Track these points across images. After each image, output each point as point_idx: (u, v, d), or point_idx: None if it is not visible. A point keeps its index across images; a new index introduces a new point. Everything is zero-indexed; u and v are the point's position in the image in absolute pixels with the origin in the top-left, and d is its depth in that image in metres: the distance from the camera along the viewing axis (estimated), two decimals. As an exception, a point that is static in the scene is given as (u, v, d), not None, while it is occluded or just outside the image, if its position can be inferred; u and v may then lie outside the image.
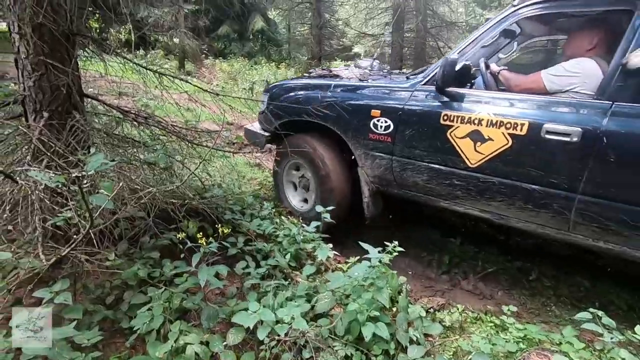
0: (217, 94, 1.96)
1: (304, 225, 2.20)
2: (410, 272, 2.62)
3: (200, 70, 10.99)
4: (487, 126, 1.92)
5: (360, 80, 2.58)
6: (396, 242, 1.84)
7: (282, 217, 2.60)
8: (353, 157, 2.49)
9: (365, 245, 1.69)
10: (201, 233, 1.60)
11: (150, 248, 1.89)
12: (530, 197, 1.86)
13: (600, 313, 1.56)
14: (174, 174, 1.93)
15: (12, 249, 1.44)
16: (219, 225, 1.65)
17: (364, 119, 2.33)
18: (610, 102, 1.69)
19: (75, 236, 1.30)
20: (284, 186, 2.96)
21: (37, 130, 1.57)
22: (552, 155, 1.77)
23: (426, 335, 1.74)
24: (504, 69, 2.22)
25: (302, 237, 2.21)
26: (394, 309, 1.84)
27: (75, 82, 1.82)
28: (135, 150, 2.07)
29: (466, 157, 2.00)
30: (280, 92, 2.81)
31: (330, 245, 2.29)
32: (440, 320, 1.88)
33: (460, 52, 2.16)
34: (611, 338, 1.45)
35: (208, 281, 1.51)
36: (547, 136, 1.77)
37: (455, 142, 2.03)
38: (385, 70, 3.12)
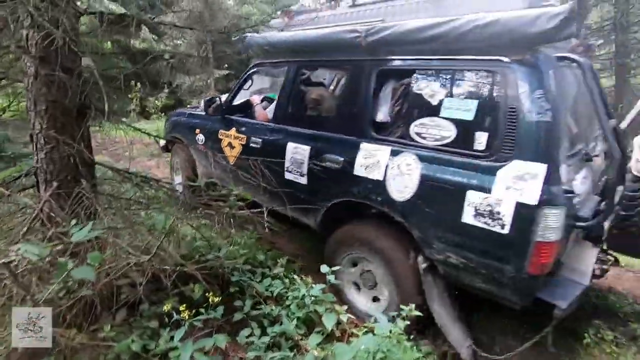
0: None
1: (313, 285, 2.04)
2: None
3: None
4: (233, 139, 3.07)
5: (199, 110, 3.76)
6: (412, 306, 1.63)
7: (295, 276, 2.45)
8: None
9: (376, 313, 1.50)
10: (182, 306, 1.49)
11: (150, 316, 1.80)
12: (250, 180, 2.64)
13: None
14: (174, 236, 1.88)
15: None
16: (209, 293, 1.54)
17: (194, 134, 3.49)
18: (273, 124, 2.79)
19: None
20: (174, 175, 4.27)
21: (41, 202, 1.61)
22: (252, 155, 2.68)
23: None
24: (257, 105, 3.25)
25: (311, 299, 2.03)
26: (416, 386, 1.58)
27: (85, 151, 1.91)
28: (145, 212, 2.08)
29: (229, 158, 3.09)
30: (170, 117, 4.20)
31: (345, 307, 2.09)
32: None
33: (229, 94, 3.30)
34: None
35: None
36: (252, 145, 2.87)
37: (223, 149, 3.15)
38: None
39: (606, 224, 1.97)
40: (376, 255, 2.18)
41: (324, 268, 1.87)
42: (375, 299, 2.32)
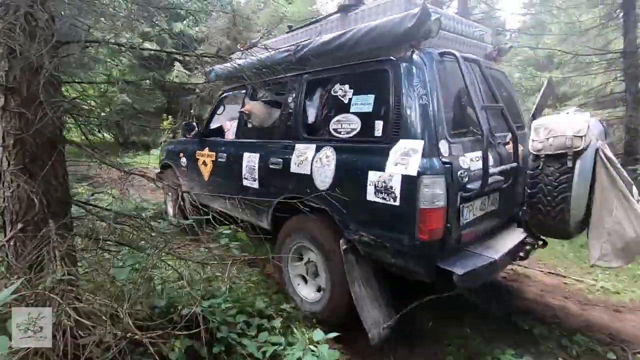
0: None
1: (312, 347, 1.68)
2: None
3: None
4: (206, 157, 3.40)
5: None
6: None
7: (295, 330, 2.10)
8: None
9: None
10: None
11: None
12: (225, 194, 2.97)
13: None
14: (142, 285, 1.62)
15: None
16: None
17: (178, 158, 3.88)
18: (235, 139, 3.24)
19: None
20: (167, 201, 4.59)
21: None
22: (221, 169, 3.21)
23: None
24: (228, 130, 3.53)
25: (309, 365, 1.66)
26: None
27: (59, 188, 1.74)
28: (117, 255, 1.86)
29: (204, 174, 3.43)
30: (164, 146, 4.57)
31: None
32: None
33: (206, 119, 3.76)
34: None
35: None
36: (219, 160, 3.23)
37: (199, 167, 3.50)
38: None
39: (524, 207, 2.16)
40: (314, 243, 2.38)
41: (318, 335, 1.52)
42: (319, 289, 2.46)
